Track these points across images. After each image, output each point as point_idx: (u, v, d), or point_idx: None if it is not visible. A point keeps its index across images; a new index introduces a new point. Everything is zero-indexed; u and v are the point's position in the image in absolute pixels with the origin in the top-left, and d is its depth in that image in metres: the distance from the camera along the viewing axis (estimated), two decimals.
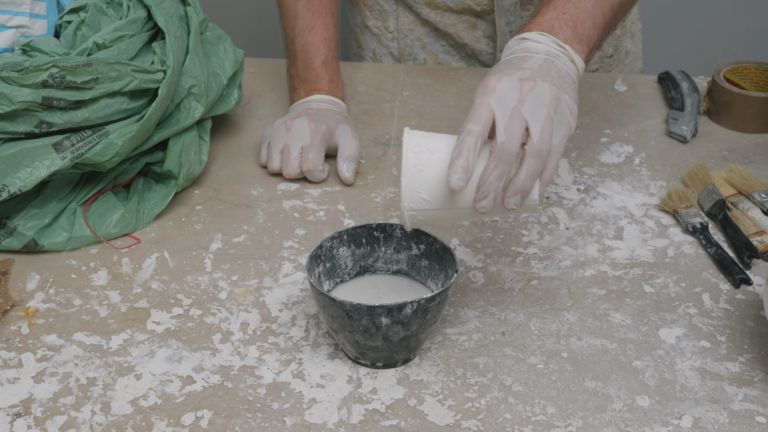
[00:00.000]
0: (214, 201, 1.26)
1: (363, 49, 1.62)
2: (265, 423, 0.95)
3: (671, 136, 1.38)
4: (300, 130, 1.29)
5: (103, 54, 1.15)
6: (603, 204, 1.25)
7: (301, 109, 1.35)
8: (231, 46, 1.31)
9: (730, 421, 0.95)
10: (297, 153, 1.28)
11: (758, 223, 1.19)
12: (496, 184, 0.94)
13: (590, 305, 1.09)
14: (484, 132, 0.94)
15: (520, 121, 0.94)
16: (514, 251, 1.17)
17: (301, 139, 1.28)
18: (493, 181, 0.93)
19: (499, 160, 0.93)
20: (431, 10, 1.52)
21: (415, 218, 0.97)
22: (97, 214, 1.18)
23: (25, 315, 1.07)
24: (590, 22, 1.08)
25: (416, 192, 0.95)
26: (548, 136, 0.94)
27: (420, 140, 0.97)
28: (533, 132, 0.94)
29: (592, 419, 0.95)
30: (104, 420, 0.95)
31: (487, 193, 0.94)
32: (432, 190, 0.95)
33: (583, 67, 1.06)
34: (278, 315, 1.07)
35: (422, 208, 0.96)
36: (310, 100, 1.37)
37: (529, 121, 0.94)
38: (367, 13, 1.58)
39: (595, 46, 1.10)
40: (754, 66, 1.43)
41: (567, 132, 0.97)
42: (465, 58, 1.57)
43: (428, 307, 0.96)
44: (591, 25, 1.08)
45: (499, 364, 1.01)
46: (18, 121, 1.11)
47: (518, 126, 0.94)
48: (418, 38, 1.56)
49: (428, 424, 0.95)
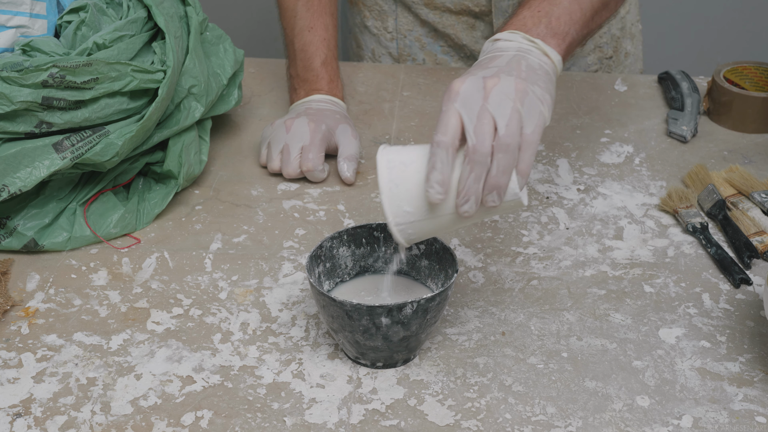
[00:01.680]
0: (214, 201, 1.26)
1: (362, 49, 1.62)
2: (265, 423, 0.95)
3: (671, 136, 1.38)
4: (300, 130, 1.29)
5: (103, 54, 1.15)
6: (603, 204, 1.25)
7: (301, 109, 1.35)
8: (231, 46, 1.31)
9: (730, 421, 0.95)
10: (297, 153, 1.28)
11: (758, 223, 1.19)
12: (475, 186, 0.93)
13: (590, 305, 1.09)
14: (455, 140, 0.94)
15: (488, 120, 0.93)
16: (514, 251, 1.17)
17: (300, 139, 1.28)
18: (471, 185, 0.93)
19: (474, 162, 0.92)
20: (430, 10, 1.52)
21: (405, 232, 0.96)
22: (97, 214, 1.18)
23: (25, 315, 1.07)
24: (566, 18, 1.07)
25: (398, 206, 0.95)
26: (516, 128, 0.93)
27: (392, 155, 0.96)
28: (500, 126, 0.93)
29: (592, 419, 0.95)
30: (104, 420, 0.95)
31: (467, 197, 0.93)
32: (412, 201, 0.95)
33: (560, 60, 1.04)
34: (278, 315, 1.07)
35: (408, 220, 0.95)
36: (310, 100, 1.37)
37: (496, 116, 0.93)
38: (366, 13, 1.58)
39: (574, 42, 1.09)
40: (754, 66, 1.43)
41: (540, 122, 0.96)
42: (464, 58, 1.57)
43: (428, 307, 0.96)
44: (567, 20, 1.07)
45: (499, 364, 1.01)
46: (18, 121, 1.11)
47: (487, 125, 0.93)
48: (417, 39, 1.56)
49: (428, 424, 0.95)
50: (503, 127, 0.93)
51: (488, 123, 0.93)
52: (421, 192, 0.94)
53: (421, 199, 0.95)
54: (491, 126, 0.93)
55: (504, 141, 0.93)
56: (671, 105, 1.43)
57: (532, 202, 1.24)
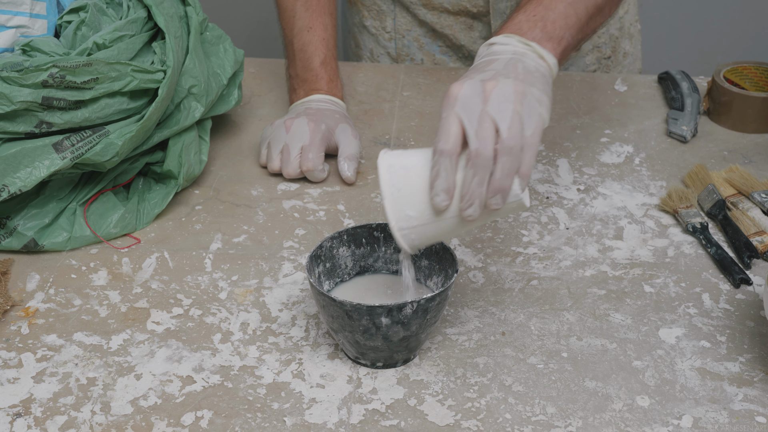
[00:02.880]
0: (214, 201, 1.26)
1: (361, 48, 1.63)
2: (265, 423, 0.95)
3: (671, 136, 1.38)
4: (299, 130, 1.29)
5: (103, 54, 1.15)
6: (603, 204, 1.25)
7: (301, 109, 1.35)
8: (231, 46, 1.31)
9: (730, 421, 0.95)
10: (297, 153, 1.28)
11: (758, 223, 1.19)
12: (479, 190, 0.93)
13: (590, 305, 1.09)
14: (456, 146, 0.93)
15: (489, 123, 0.93)
16: (514, 251, 1.17)
17: (300, 139, 1.28)
18: (475, 189, 0.93)
19: (477, 166, 0.92)
20: (428, 11, 1.52)
21: (408, 237, 0.96)
22: (97, 214, 1.18)
23: (25, 315, 1.07)
24: (561, 22, 1.07)
25: (401, 211, 0.95)
26: (518, 131, 0.93)
27: (393, 160, 0.96)
28: (502, 129, 0.93)
29: (592, 419, 0.95)
30: (104, 420, 0.95)
31: (471, 200, 0.93)
32: (415, 205, 0.95)
33: (555, 63, 1.04)
34: (278, 315, 1.07)
35: (411, 225, 0.95)
36: (310, 100, 1.37)
37: (497, 119, 0.93)
38: (365, 13, 1.58)
39: (570, 47, 1.09)
40: (754, 66, 1.43)
41: (539, 123, 0.96)
42: (462, 59, 1.57)
43: (428, 307, 0.96)
44: (563, 25, 1.07)
45: (499, 364, 1.01)
46: (18, 121, 1.11)
47: (488, 128, 0.93)
48: (415, 39, 1.56)
49: (428, 424, 0.95)
50: (505, 130, 0.93)
51: (489, 127, 0.93)
52: (423, 197, 0.94)
53: (424, 204, 0.94)
54: (492, 129, 0.93)
55: (507, 144, 0.93)
56: (671, 105, 1.43)
57: (532, 202, 1.24)
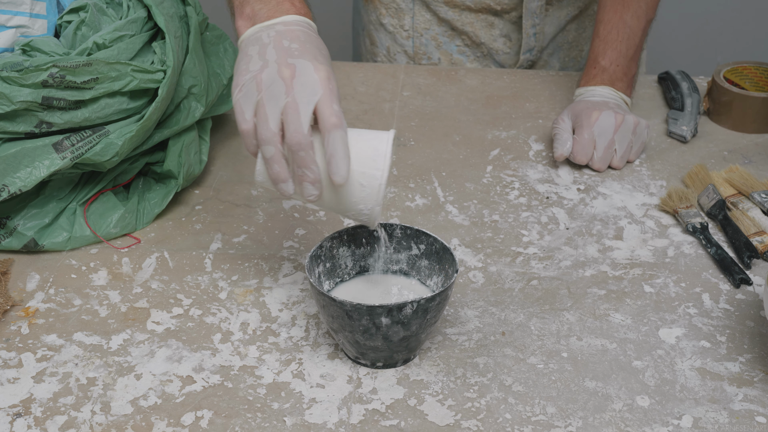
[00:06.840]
0: (214, 201, 1.26)
1: (377, 46, 1.61)
2: (265, 423, 0.95)
3: (671, 136, 1.38)
4: (308, 79, 0.96)
5: (103, 54, 1.15)
6: (603, 204, 1.25)
7: (272, 34, 0.99)
8: (231, 46, 1.31)
9: (730, 421, 0.95)
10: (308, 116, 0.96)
11: (758, 223, 1.19)
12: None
13: (590, 305, 1.09)
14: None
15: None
16: (514, 251, 1.17)
17: (313, 93, 0.96)
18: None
19: None
20: (449, 8, 1.52)
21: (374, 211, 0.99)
22: (97, 214, 1.18)
23: (25, 315, 1.07)
24: (635, 54, 1.37)
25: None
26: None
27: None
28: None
29: (592, 419, 0.95)
30: (104, 420, 0.95)
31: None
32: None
33: (630, 100, 1.38)
34: (278, 315, 1.07)
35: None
36: (281, 22, 1.01)
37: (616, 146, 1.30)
38: (382, 11, 1.57)
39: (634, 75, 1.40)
40: (754, 66, 1.43)
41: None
42: (480, 57, 1.56)
43: (428, 307, 0.96)
44: (634, 56, 1.37)
45: (499, 364, 1.01)
46: (18, 121, 1.11)
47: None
48: (433, 37, 1.56)
49: (428, 424, 0.95)
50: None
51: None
52: None
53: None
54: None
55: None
56: (671, 105, 1.43)
57: (532, 202, 1.24)
